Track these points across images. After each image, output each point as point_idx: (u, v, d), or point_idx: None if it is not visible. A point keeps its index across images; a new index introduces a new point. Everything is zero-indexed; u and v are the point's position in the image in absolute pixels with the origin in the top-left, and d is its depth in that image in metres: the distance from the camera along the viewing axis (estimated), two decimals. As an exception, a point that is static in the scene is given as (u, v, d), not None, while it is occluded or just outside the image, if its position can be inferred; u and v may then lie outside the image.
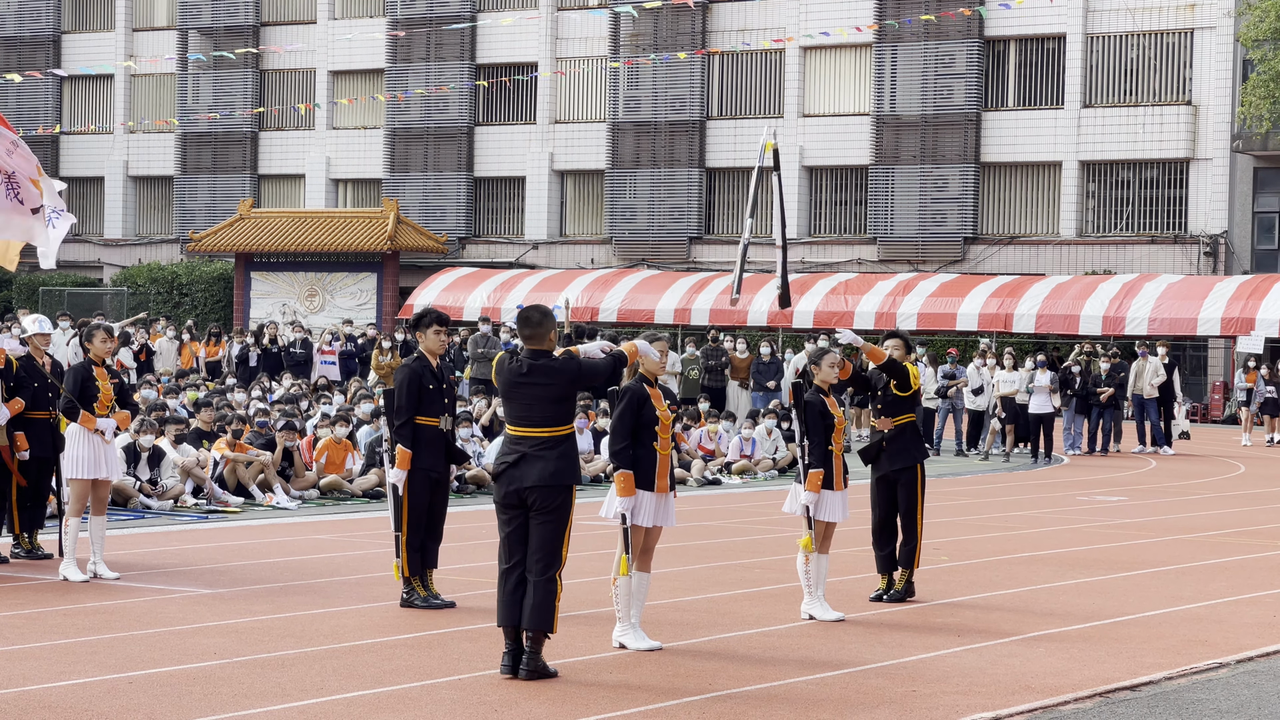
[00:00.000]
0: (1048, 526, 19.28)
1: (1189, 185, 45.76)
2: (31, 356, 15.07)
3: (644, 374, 10.92)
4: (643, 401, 10.80)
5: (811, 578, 12.31)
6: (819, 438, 12.38)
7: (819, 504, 12.38)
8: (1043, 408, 30.17)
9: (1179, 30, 45.91)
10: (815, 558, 12.32)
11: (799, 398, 12.54)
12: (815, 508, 12.36)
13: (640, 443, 10.78)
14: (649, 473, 10.76)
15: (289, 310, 48.81)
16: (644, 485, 10.75)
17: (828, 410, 12.45)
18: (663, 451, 10.83)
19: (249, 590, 13.24)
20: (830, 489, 12.43)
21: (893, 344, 13.39)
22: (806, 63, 49.49)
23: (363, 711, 9.03)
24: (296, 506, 19.92)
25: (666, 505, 10.95)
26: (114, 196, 57.12)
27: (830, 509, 12.45)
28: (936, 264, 47.42)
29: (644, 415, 10.77)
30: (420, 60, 53.00)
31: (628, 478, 10.66)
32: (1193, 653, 11.28)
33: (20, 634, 11.13)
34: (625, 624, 10.94)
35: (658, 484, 10.83)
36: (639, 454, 10.76)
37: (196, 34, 55.90)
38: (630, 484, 10.67)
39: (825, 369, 12.61)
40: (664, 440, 10.84)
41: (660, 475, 10.83)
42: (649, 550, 10.99)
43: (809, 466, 12.34)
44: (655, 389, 10.94)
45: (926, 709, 9.38)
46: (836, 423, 12.45)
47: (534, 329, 10.11)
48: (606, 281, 47.31)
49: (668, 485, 10.92)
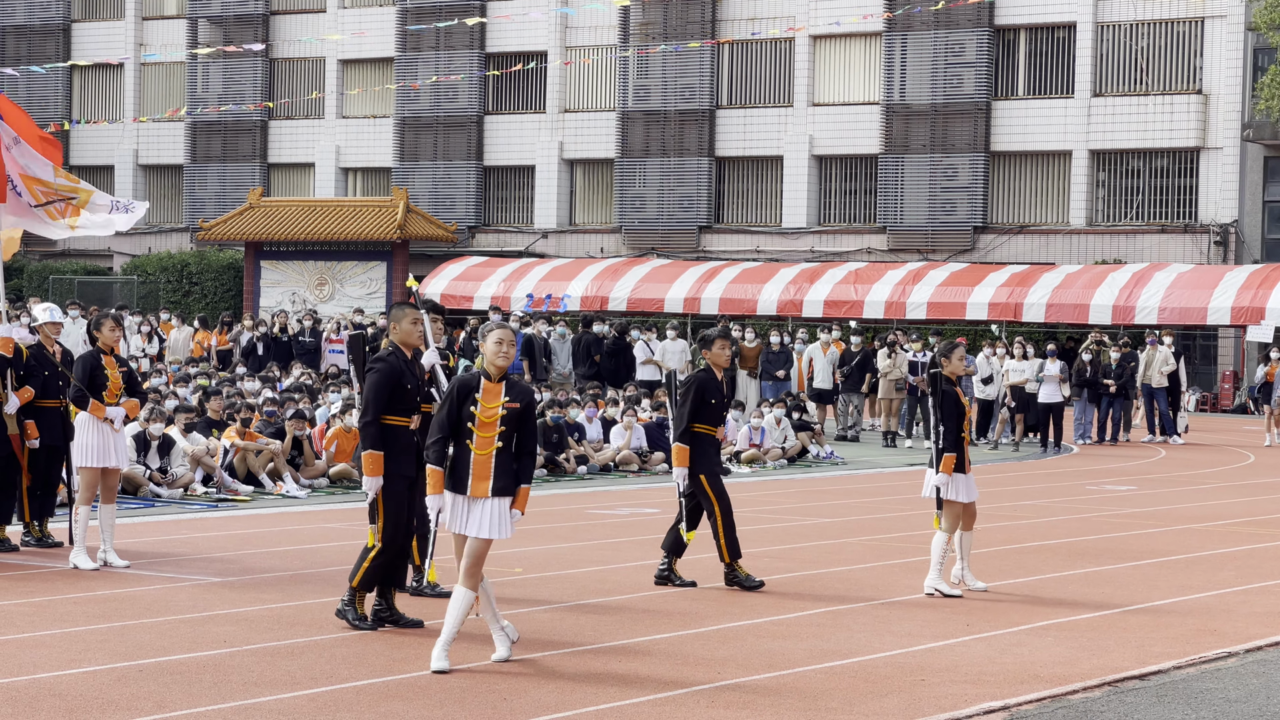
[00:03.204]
0: (1056, 516, 19.28)
1: (1199, 174, 45.67)
2: (42, 345, 15.10)
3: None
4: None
5: (953, 554, 13.32)
6: (953, 424, 13.17)
7: (951, 485, 13.16)
8: (1052, 397, 30.16)
9: (1189, 19, 45.81)
10: (960, 535, 13.29)
11: (936, 386, 13.31)
12: (947, 489, 13.15)
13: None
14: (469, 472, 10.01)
15: (299, 299, 48.84)
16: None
17: (958, 400, 13.28)
18: (480, 452, 9.85)
19: (259, 579, 13.26)
20: (962, 472, 13.22)
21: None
22: (816, 51, 49.43)
23: (373, 700, 9.05)
24: (306, 495, 19.94)
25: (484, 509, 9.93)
26: (124, 185, 57.14)
27: (960, 490, 13.23)
28: (946, 253, 47.37)
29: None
30: (430, 49, 52.99)
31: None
32: (1201, 642, 11.28)
33: (31, 622, 11.15)
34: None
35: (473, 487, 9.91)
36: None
37: (206, 22, 55.92)
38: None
39: (954, 361, 13.41)
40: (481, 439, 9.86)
41: (475, 478, 9.87)
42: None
43: (942, 451, 13.14)
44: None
45: (935, 698, 9.38)
46: (966, 411, 13.32)
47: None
48: (616, 271, 47.29)
49: (485, 490, 9.85)
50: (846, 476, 24.51)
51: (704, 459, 13.31)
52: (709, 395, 13.35)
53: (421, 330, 11.41)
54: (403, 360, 11.28)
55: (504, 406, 9.92)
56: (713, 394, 13.36)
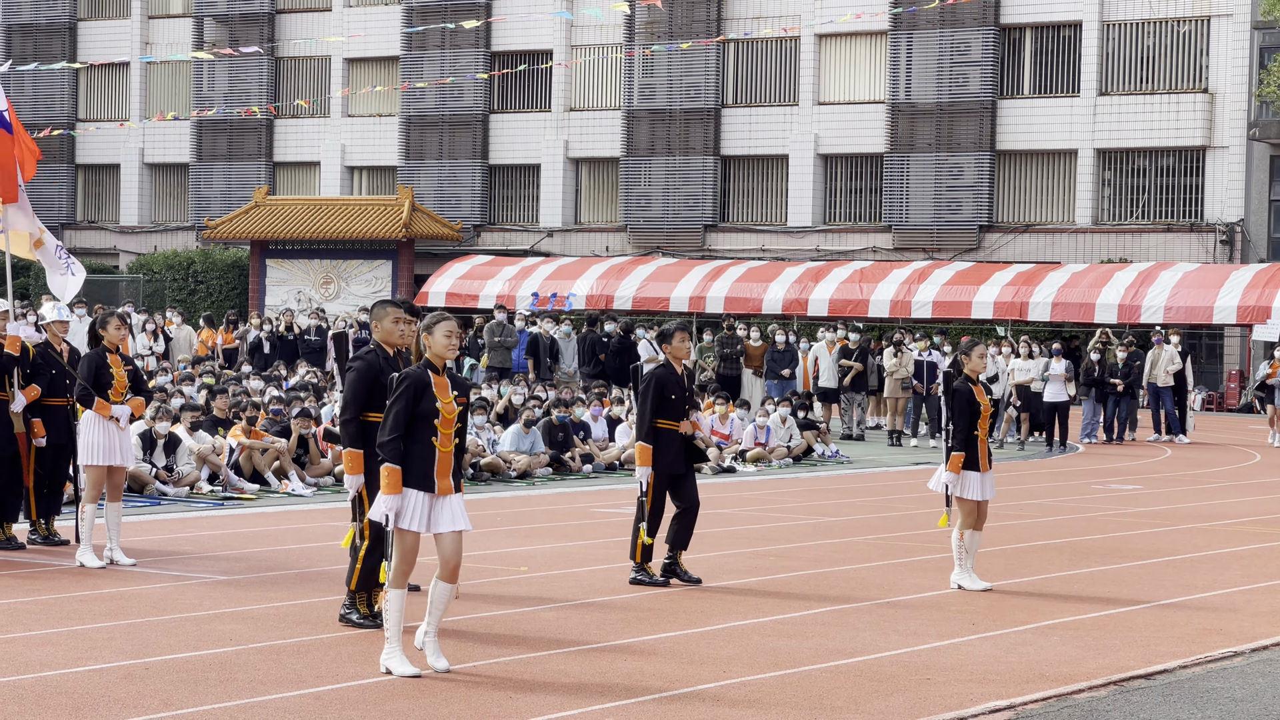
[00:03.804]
0: (1062, 515, 19.27)
1: (1205, 173, 45.64)
2: (49, 343, 15.12)
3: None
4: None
5: (964, 550, 13.24)
6: (963, 423, 13.21)
7: (960, 483, 13.20)
8: (1058, 396, 30.15)
9: (1195, 17, 45.78)
10: (969, 534, 13.24)
11: (948, 385, 13.36)
12: (955, 487, 13.21)
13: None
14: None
15: (304, 298, 48.87)
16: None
17: (974, 398, 13.27)
18: (443, 449, 9.68)
19: (265, 576, 13.27)
20: (975, 470, 13.20)
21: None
22: (822, 50, 49.42)
23: (378, 697, 9.05)
24: (312, 493, 19.96)
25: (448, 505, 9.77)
26: (130, 184, 57.19)
27: (972, 488, 13.25)
28: (952, 252, 47.36)
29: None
30: (435, 48, 53.00)
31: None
32: (1208, 641, 11.28)
33: (37, 620, 11.16)
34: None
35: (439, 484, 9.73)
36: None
37: (212, 21, 55.95)
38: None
39: (974, 359, 13.39)
40: (443, 437, 9.70)
41: (440, 475, 9.68)
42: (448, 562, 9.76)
43: (951, 449, 13.18)
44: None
45: (941, 697, 9.38)
46: (983, 410, 13.29)
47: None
48: (621, 270, 47.30)
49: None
50: (852, 475, 24.51)
51: (660, 457, 13.23)
52: (668, 390, 13.27)
53: (403, 330, 11.23)
54: (383, 358, 11.09)
55: (456, 401, 9.75)
56: (672, 389, 13.29)
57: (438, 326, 9.73)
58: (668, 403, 13.28)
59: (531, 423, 23.35)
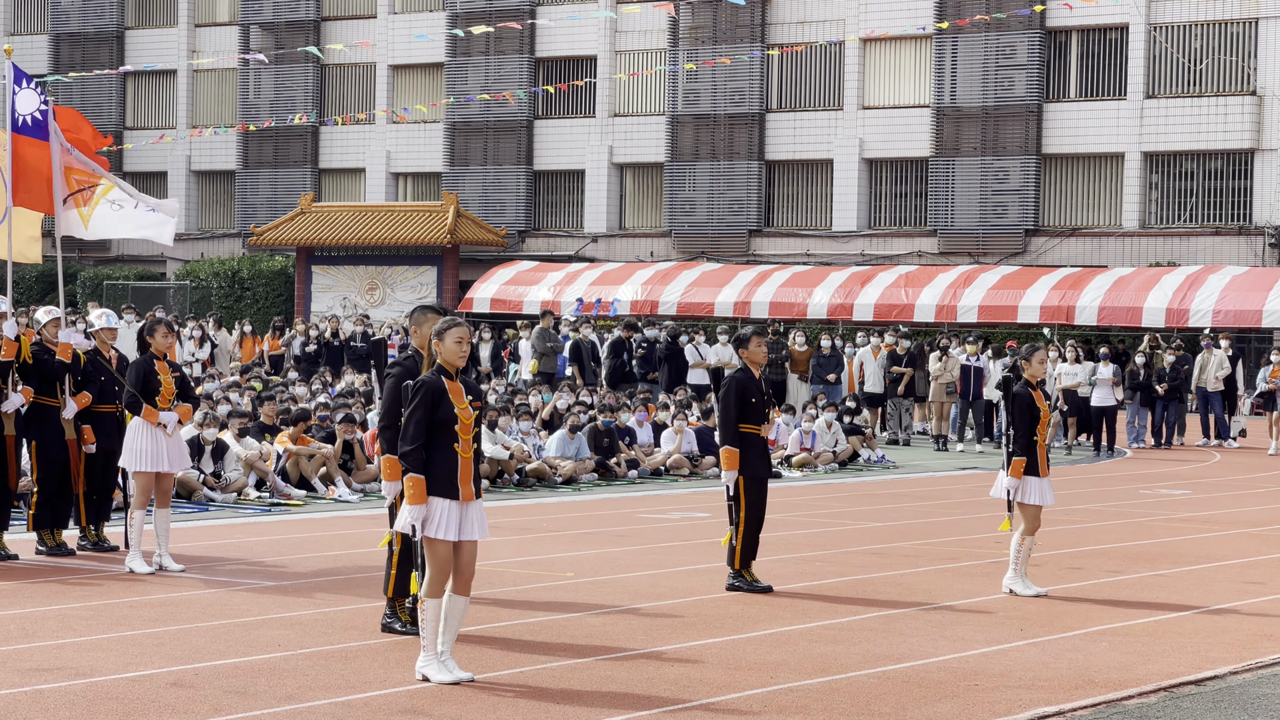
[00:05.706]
0: (1111, 520, 19.17)
1: (1254, 176, 45.33)
2: (98, 350, 15.21)
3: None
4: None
5: (1020, 555, 13.26)
6: (1024, 428, 13.24)
7: (1021, 489, 13.24)
8: (1105, 400, 30.00)
9: (1243, 20, 45.50)
10: (1027, 539, 13.27)
11: (1008, 390, 13.37)
12: (1016, 492, 13.25)
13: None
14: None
15: (349, 304, 49.04)
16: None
17: (1034, 404, 13.29)
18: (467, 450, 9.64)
19: (312, 582, 13.32)
20: (1036, 475, 13.23)
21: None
22: (866, 55, 49.31)
23: (427, 704, 9.07)
24: (358, 499, 20.02)
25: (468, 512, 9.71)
26: (176, 191, 57.49)
27: (1033, 493, 13.29)
28: (997, 256, 47.17)
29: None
30: (480, 54, 53.13)
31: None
32: (1259, 647, 11.19)
33: (87, 626, 11.23)
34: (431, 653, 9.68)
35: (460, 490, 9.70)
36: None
37: (258, 29, 56.23)
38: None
39: (1035, 364, 13.38)
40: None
41: (464, 481, 9.67)
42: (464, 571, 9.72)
43: (1012, 454, 13.23)
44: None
45: (989, 703, 9.34)
46: (1043, 415, 13.31)
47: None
48: (666, 275, 47.28)
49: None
50: (898, 480, 24.44)
51: (747, 462, 13.28)
52: (749, 394, 13.35)
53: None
54: (422, 364, 10.86)
55: (472, 406, 9.68)
56: (753, 393, 13.35)
57: (449, 333, 9.66)
58: (749, 406, 13.33)
59: (577, 428, 23.37)
